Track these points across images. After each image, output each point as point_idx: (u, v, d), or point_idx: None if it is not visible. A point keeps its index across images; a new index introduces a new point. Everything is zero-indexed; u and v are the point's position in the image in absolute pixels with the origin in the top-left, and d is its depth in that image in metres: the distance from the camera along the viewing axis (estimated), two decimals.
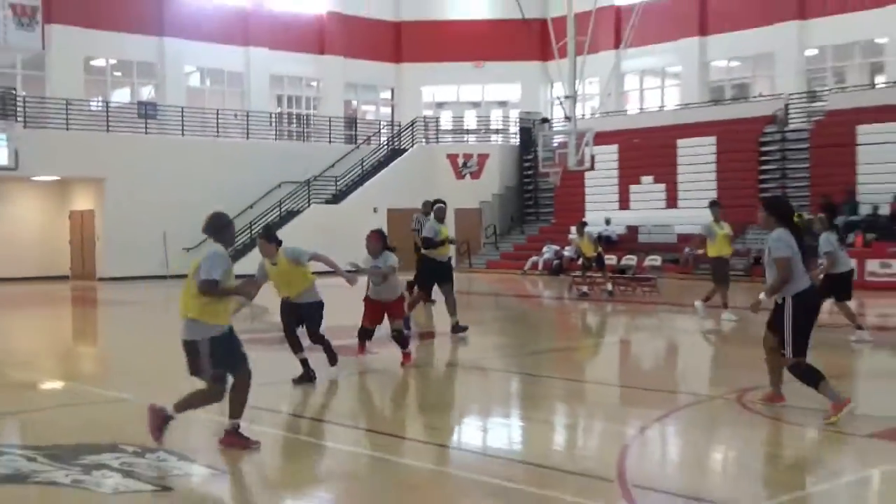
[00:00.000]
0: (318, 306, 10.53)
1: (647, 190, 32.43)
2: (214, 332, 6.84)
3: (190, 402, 7.11)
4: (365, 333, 11.61)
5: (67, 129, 30.43)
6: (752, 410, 8.83)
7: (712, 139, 31.39)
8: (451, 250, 16.26)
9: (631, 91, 38.78)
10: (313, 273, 10.45)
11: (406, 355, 11.36)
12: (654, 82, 38.40)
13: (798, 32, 32.52)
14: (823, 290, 13.53)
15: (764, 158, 30.65)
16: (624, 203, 32.98)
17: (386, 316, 11.34)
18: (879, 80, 31.21)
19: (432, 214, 16.69)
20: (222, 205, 28.95)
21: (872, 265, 23.70)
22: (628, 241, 29.57)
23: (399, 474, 7.06)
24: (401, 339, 11.35)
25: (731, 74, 35.69)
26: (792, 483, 6.65)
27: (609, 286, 22.27)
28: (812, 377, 8.10)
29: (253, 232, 32.36)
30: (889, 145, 27.29)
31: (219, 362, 6.88)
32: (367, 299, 11.42)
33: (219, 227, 7.13)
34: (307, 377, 10.30)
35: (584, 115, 32.79)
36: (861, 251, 24.37)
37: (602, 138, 31.57)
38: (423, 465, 7.38)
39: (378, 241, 11.16)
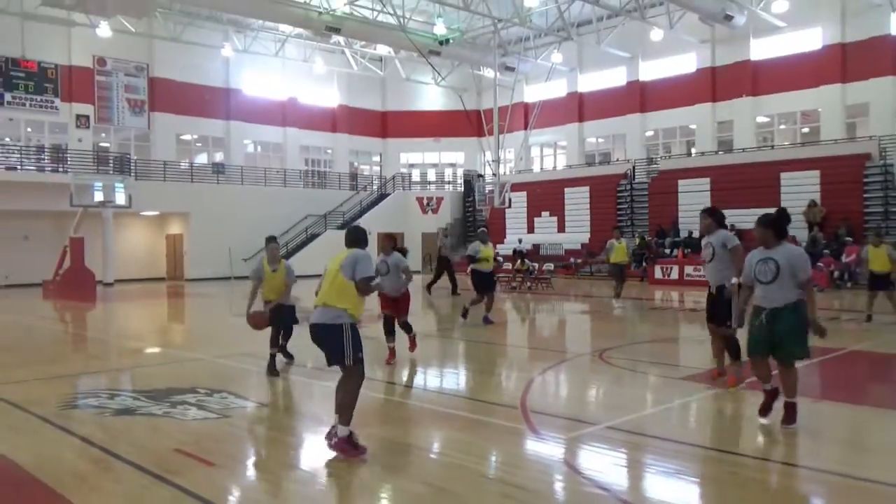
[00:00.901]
0: (294, 308, 9.19)
1: (546, 221, 32.68)
2: (353, 320, 5.30)
3: (345, 406, 5.28)
4: (386, 321, 9.47)
5: (165, 180, 30.11)
6: (609, 363, 8.97)
7: (586, 189, 31.65)
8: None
9: (535, 157, 39.05)
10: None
11: (411, 340, 9.66)
12: (550, 151, 38.66)
13: (641, 120, 33.00)
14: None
15: (620, 202, 30.89)
16: (530, 229, 33.16)
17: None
18: (693, 151, 31.73)
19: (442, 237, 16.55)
20: (267, 231, 28.99)
21: (688, 269, 24.06)
22: (533, 253, 29.76)
23: (377, 404, 7.10)
24: (408, 328, 9.58)
25: (598, 147, 36.05)
26: (634, 408, 6.78)
27: (528, 284, 22.62)
28: (736, 351, 7.23)
29: (288, 247, 32.25)
30: (698, 192, 27.70)
31: (358, 346, 5.27)
32: (379, 293, 9.25)
33: (358, 238, 5.64)
34: (274, 369, 8.61)
35: (504, 172, 32.99)
36: (682, 260, 24.80)
37: (516, 187, 31.81)
38: (393, 399, 7.43)
39: (388, 241, 9.36)
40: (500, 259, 30.09)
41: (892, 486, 4.57)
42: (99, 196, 24.84)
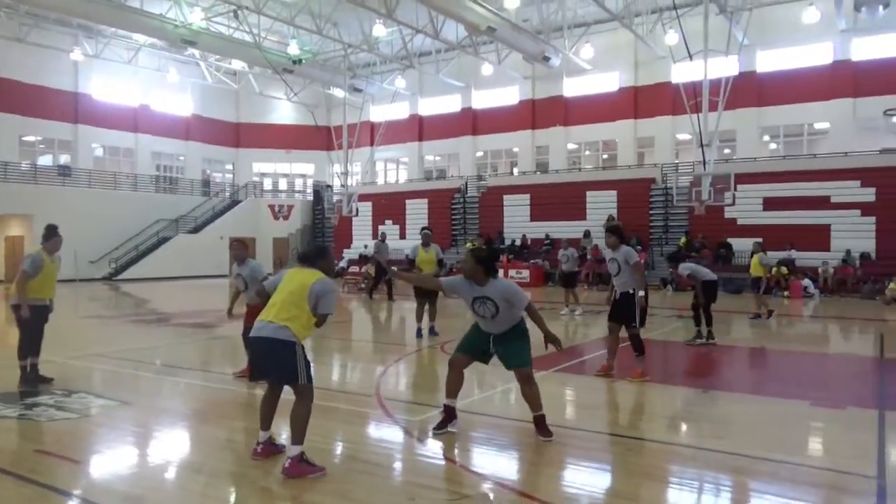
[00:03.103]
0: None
1: (389, 229, 32.71)
2: (301, 343, 4.54)
3: (300, 425, 4.45)
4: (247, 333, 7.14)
5: (6, 181, 27.13)
6: (450, 354, 9.29)
7: (425, 201, 32.36)
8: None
9: (380, 170, 39.32)
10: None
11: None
12: (393, 166, 39.13)
13: (472, 142, 34.31)
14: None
15: (454, 213, 31.87)
16: (375, 235, 33.11)
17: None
18: (516, 171, 33.45)
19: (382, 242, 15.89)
20: (116, 234, 26.73)
21: (512, 272, 25.30)
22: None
23: (239, 398, 6.94)
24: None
25: (436, 164, 36.94)
26: (472, 391, 7.09)
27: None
28: (640, 346, 7.52)
29: (139, 250, 30.08)
30: (520, 206, 29.29)
31: (309, 366, 4.56)
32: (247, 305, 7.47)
33: (321, 254, 4.79)
34: (34, 381, 7.26)
35: (352, 183, 32.88)
36: (506, 265, 26.01)
37: (363, 198, 31.80)
38: (256, 392, 7.27)
39: (242, 248, 7.60)
40: (345, 265, 30.03)
41: (662, 443, 5.25)
42: None
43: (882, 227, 21.91)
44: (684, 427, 6.07)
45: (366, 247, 31.05)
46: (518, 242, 27.78)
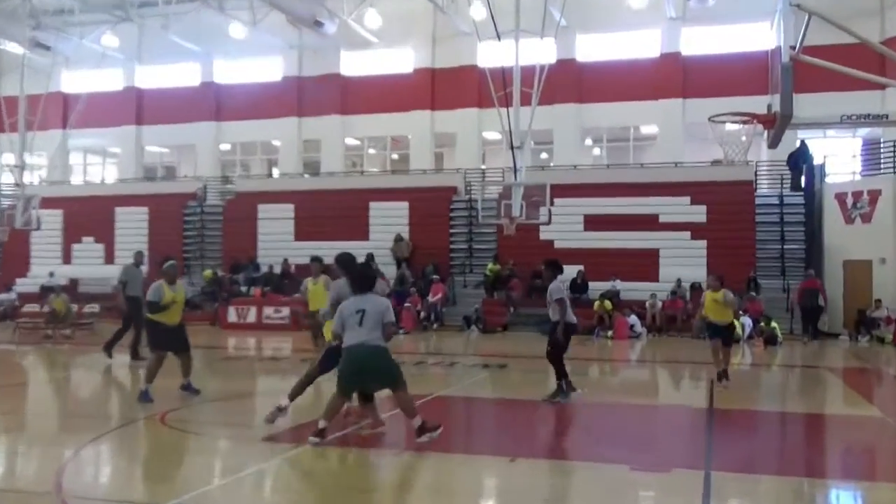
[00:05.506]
0: None
1: (88, 248, 30.96)
2: None
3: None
4: None
5: None
6: (172, 427, 8.91)
7: (145, 209, 30.94)
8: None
9: (76, 164, 36.89)
10: None
11: None
12: (97, 159, 37.03)
13: (215, 130, 33.60)
14: None
15: (187, 227, 30.89)
16: (67, 258, 31.11)
17: None
18: (276, 172, 33.22)
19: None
20: None
21: (268, 311, 24.95)
22: (70, 290, 27.71)
23: None
24: None
25: (162, 158, 35.63)
26: (203, 480, 6.85)
27: (66, 331, 21.14)
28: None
29: None
30: (281, 220, 29.13)
31: None
32: None
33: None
34: None
35: (32, 182, 30.41)
36: (260, 301, 25.62)
37: (48, 204, 29.51)
38: None
39: None
40: (16, 301, 27.61)
41: None
42: None
43: (713, 253, 25.01)
44: None
45: (51, 275, 28.80)
46: (278, 270, 27.47)
